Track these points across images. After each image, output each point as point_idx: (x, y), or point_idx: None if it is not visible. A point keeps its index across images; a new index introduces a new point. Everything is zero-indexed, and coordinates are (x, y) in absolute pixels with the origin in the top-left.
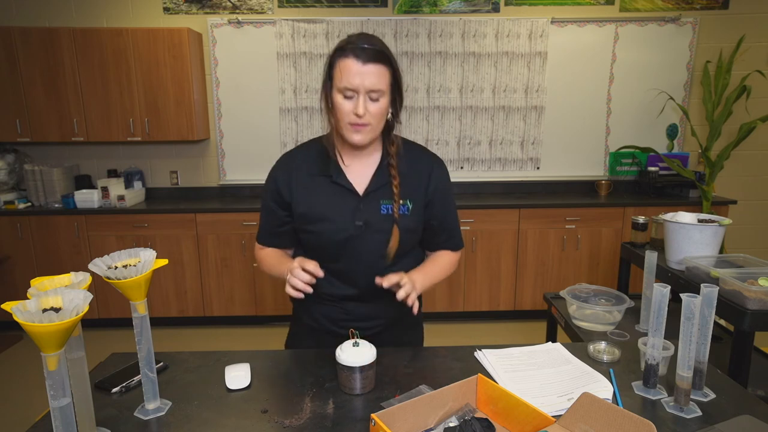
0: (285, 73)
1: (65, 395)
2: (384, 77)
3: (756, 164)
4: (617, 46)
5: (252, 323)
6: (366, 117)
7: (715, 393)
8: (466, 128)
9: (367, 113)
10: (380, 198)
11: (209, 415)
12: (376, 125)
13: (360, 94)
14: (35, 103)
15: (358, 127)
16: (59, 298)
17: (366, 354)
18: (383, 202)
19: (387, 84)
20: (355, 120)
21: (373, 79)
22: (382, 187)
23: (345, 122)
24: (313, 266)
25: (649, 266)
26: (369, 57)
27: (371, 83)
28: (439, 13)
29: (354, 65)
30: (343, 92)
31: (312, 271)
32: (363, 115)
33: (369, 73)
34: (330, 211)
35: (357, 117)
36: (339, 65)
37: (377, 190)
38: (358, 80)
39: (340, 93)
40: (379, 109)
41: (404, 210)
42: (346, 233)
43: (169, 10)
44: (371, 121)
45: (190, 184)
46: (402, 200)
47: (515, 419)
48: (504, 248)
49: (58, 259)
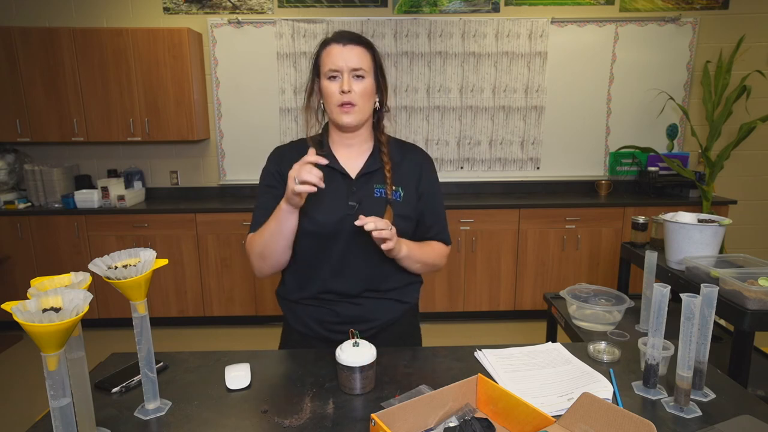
0: (285, 73)
1: (65, 395)
2: (365, 58)
3: (756, 164)
4: (617, 46)
5: (252, 323)
6: (352, 96)
7: (715, 393)
8: (466, 128)
9: (353, 92)
10: (374, 182)
11: (209, 415)
12: (363, 106)
13: (344, 72)
14: (35, 103)
15: (346, 108)
16: (59, 298)
17: (366, 354)
18: (377, 186)
19: (369, 65)
20: (341, 99)
21: (355, 59)
22: (376, 172)
23: (333, 104)
24: (313, 157)
25: (649, 266)
26: (349, 39)
27: (354, 62)
28: (439, 13)
29: (336, 48)
30: (328, 75)
31: (316, 161)
32: (348, 90)
33: (350, 53)
34: (323, 193)
35: (343, 94)
36: (323, 54)
37: (370, 174)
38: (341, 60)
39: (326, 78)
40: (364, 89)
41: (396, 196)
42: (339, 213)
43: (169, 10)
44: (358, 101)
45: (190, 184)
46: (395, 186)
47: (515, 419)
48: (504, 248)
49: (58, 259)
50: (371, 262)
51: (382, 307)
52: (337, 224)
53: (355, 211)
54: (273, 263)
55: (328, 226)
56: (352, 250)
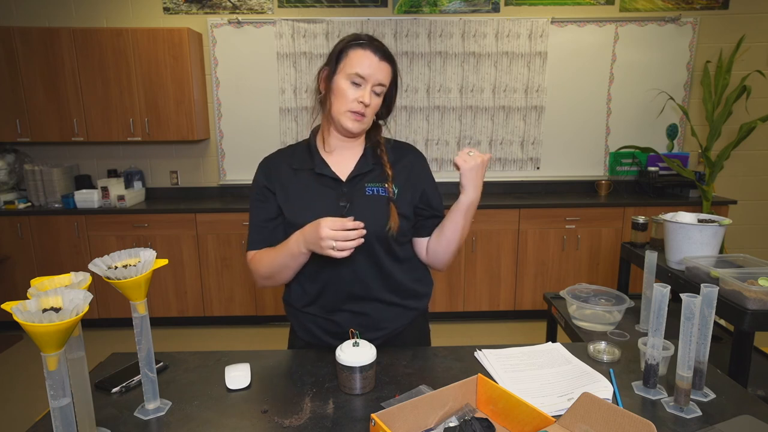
0: (285, 73)
1: (65, 395)
2: (390, 76)
3: (756, 164)
4: (617, 46)
5: (252, 323)
6: (367, 109)
7: (715, 393)
8: (466, 128)
9: (369, 106)
10: (365, 182)
11: (209, 415)
12: (370, 118)
13: (368, 84)
14: (35, 103)
15: (358, 117)
16: (59, 298)
17: (366, 354)
18: (368, 185)
19: (389, 83)
20: (358, 108)
21: (383, 75)
22: (368, 173)
23: (346, 108)
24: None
25: (649, 266)
26: (384, 55)
27: (381, 78)
28: (439, 13)
29: (372, 57)
30: (351, 78)
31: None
32: (368, 105)
33: (382, 69)
34: (313, 199)
35: (361, 105)
36: (354, 53)
37: (361, 175)
38: (372, 71)
39: (347, 79)
40: (378, 104)
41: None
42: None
43: (169, 10)
44: (369, 113)
45: (190, 184)
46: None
47: (515, 419)
48: (504, 248)
49: (58, 259)
50: (374, 266)
51: (389, 314)
52: None
53: (345, 212)
54: (279, 283)
55: None
56: (352, 254)
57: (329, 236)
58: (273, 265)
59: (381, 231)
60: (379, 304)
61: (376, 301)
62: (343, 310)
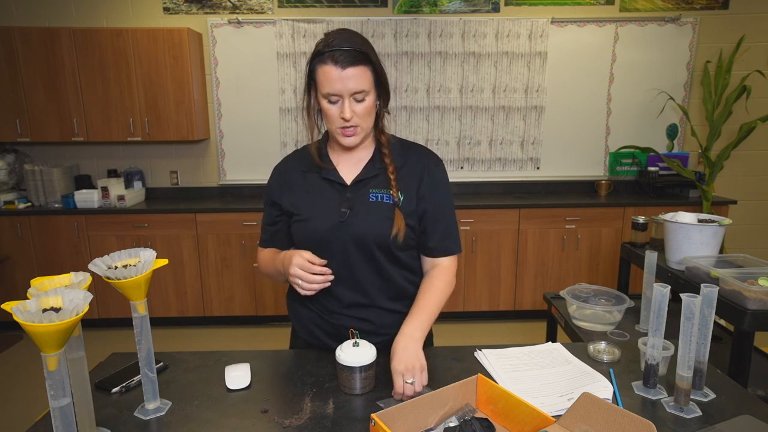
0: (285, 73)
1: (65, 395)
2: (365, 77)
3: (756, 164)
4: (617, 46)
5: (252, 323)
6: (353, 119)
7: (715, 393)
8: (466, 128)
9: (354, 115)
10: (369, 187)
11: (209, 415)
12: (364, 125)
13: (344, 98)
14: (35, 103)
15: (347, 132)
16: (59, 298)
17: (366, 354)
18: (372, 191)
19: (370, 83)
20: (343, 124)
21: (355, 82)
22: (373, 178)
23: (335, 127)
24: (310, 256)
25: (649, 266)
26: (347, 61)
27: (353, 86)
28: (439, 13)
29: (333, 71)
30: (327, 97)
31: (316, 263)
32: (350, 118)
33: (349, 77)
34: (316, 203)
35: (344, 121)
36: (321, 71)
37: (366, 180)
38: (340, 85)
39: (324, 99)
40: (365, 108)
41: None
42: (331, 221)
43: (169, 10)
44: (359, 122)
45: (190, 184)
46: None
47: (515, 419)
48: (504, 248)
49: (58, 259)
50: (375, 273)
51: (390, 320)
52: (329, 232)
53: (347, 218)
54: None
55: (319, 234)
56: (352, 258)
57: (296, 274)
58: (269, 270)
59: (381, 238)
60: (379, 310)
61: (376, 308)
62: (343, 315)
